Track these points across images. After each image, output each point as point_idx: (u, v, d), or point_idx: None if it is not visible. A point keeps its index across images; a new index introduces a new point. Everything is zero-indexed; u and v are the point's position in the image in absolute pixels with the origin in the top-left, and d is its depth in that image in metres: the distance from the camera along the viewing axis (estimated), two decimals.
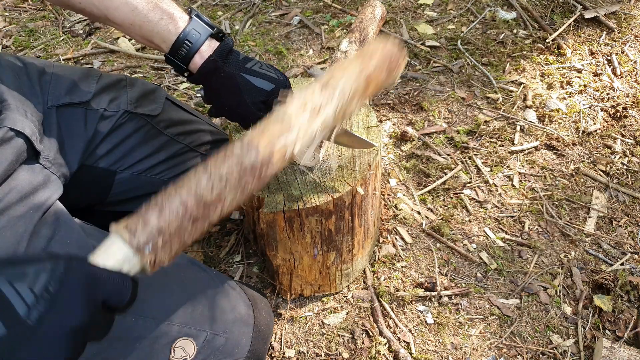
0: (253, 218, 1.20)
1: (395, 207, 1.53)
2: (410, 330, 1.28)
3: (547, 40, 2.06)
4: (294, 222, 1.09)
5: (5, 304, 0.46)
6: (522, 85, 1.90)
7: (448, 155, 1.68)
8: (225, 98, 0.98)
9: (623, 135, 1.74)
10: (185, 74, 0.99)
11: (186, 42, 0.93)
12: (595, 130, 1.75)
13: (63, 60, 2.06)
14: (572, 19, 2.14)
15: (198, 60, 0.95)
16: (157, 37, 0.94)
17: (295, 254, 1.19)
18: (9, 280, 0.47)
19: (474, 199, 1.57)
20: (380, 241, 1.45)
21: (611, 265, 1.40)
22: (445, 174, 1.62)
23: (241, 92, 0.96)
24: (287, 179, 1.12)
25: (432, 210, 1.54)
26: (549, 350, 1.24)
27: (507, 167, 1.65)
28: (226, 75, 0.95)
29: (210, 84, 0.97)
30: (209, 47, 0.95)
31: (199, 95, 1.26)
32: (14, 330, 0.46)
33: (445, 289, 1.35)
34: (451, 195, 1.57)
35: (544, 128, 1.75)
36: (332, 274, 1.28)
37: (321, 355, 1.25)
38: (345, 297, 1.35)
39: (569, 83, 1.90)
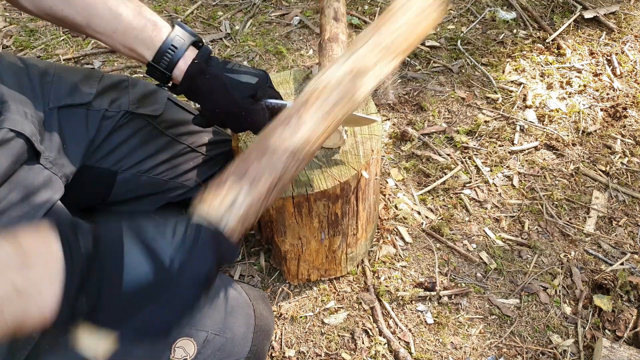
0: None
1: (395, 207, 1.54)
2: (410, 330, 1.29)
3: (547, 40, 2.06)
4: (302, 207, 1.12)
5: (155, 255, 0.57)
6: (522, 85, 1.90)
7: (448, 155, 1.68)
8: (215, 98, 0.98)
9: (623, 135, 1.74)
10: (166, 87, 0.99)
11: (171, 47, 0.93)
12: (595, 130, 1.75)
13: (63, 60, 2.06)
14: (572, 19, 2.14)
15: (182, 66, 0.94)
16: (141, 44, 0.93)
17: (303, 239, 1.22)
18: (155, 237, 0.58)
19: (474, 198, 1.57)
20: (381, 241, 1.45)
21: (611, 265, 1.41)
22: (445, 174, 1.62)
23: (229, 90, 0.96)
24: None
25: (432, 210, 1.54)
26: (549, 350, 1.25)
27: (507, 167, 1.65)
28: (212, 77, 0.95)
29: (198, 87, 0.97)
30: (192, 53, 0.95)
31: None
32: (160, 277, 0.56)
33: (445, 288, 1.35)
34: (451, 195, 1.58)
35: (544, 128, 1.76)
36: (337, 258, 1.31)
37: (321, 355, 1.25)
38: (345, 297, 1.35)
39: (568, 83, 1.90)
